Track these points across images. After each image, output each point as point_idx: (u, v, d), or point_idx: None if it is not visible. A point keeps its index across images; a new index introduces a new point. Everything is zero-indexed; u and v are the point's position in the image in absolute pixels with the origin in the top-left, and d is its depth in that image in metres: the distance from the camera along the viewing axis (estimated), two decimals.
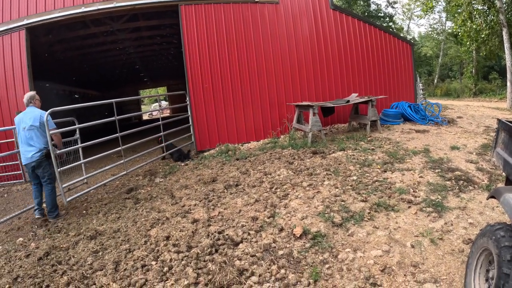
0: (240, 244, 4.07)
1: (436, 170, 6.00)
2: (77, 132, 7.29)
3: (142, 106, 50.85)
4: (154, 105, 49.25)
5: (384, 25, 33.92)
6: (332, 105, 9.32)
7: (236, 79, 10.37)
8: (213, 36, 10.15)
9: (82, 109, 11.50)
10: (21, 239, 5.27)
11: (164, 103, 41.64)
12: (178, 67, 25.81)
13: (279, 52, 10.63)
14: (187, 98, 10.18)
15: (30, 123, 5.67)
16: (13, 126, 8.80)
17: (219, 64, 10.25)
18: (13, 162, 9.44)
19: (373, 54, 11.50)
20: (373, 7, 36.57)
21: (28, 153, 5.71)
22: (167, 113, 38.02)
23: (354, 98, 9.87)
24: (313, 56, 10.89)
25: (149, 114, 40.56)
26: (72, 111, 6.69)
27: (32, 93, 6.08)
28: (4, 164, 9.41)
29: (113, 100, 7.66)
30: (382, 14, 37.27)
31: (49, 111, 5.70)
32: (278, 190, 5.74)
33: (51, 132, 5.72)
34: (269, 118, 10.67)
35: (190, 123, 10.31)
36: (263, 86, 10.56)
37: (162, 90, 41.91)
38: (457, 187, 5.27)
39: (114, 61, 22.06)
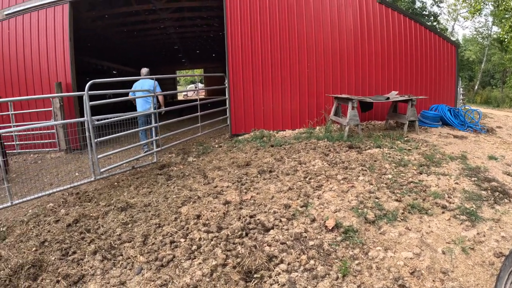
0: (271, 230, 4.08)
1: (473, 178, 5.83)
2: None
3: (178, 87, 51.35)
4: (189, 86, 49.79)
5: (428, 24, 32.80)
6: (372, 101, 9.13)
7: (277, 65, 10.34)
8: (256, 20, 10.15)
9: (119, 84, 11.71)
10: (51, 204, 5.42)
11: (200, 86, 42.02)
12: (217, 50, 25.99)
13: (321, 41, 10.45)
14: (226, 81, 10.23)
15: (146, 88, 8.09)
16: (53, 94, 9.17)
17: (261, 48, 10.25)
18: (50, 131, 9.74)
19: (416, 52, 11.11)
20: (418, 4, 35.38)
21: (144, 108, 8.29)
22: (202, 95, 38.33)
23: (394, 95, 9.62)
24: (356, 48, 10.64)
25: (184, 95, 41.07)
26: (110, 85, 6.86)
27: (148, 69, 8.98)
28: (41, 132, 9.71)
29: (153, 76, 7.78)
30: (427, 13, 36.02)
31: (89, 82, 5.82)
32: (312, 180, 5.74)
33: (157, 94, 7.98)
34: (306, 108, 10.60)
35: (227, 105, 10.41)
36: (303, 75, 10.47)
37: (198, 72, 42.22)
38: (493, 198, 5.10)
39: (154, 40, 22.34)
